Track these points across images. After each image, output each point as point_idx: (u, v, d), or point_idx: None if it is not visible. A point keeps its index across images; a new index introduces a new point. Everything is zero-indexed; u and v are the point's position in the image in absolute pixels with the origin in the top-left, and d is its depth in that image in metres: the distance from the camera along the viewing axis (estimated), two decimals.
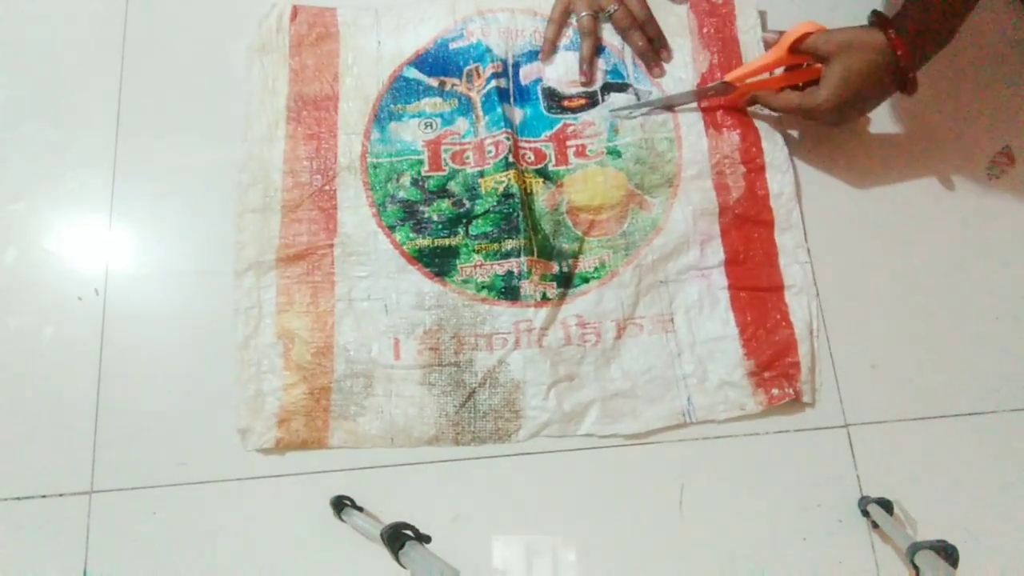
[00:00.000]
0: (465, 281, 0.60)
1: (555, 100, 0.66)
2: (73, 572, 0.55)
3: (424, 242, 0.61)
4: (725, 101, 0.63)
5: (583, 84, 0.65)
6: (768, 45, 0.62)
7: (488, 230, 0.61)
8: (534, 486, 0.57)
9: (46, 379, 0.59)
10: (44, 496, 0.57)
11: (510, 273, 0.60)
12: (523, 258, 0.59)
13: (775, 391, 0.58)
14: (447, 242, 0.61)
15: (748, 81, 0.62)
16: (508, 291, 0.60)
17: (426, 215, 0.62)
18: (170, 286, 0.62)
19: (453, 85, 0.66)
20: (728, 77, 0.62)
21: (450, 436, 0.57)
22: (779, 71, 0.62)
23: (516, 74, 0.66)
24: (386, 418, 0.57)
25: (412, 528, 0.49)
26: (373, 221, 0.62)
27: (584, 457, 0.57)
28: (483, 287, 0.60)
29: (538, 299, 0.59)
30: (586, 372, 0.58)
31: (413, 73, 0.66)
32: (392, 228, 0.62)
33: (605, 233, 0.62)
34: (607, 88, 0.66)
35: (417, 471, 0.57)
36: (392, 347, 0.59)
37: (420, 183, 0.63)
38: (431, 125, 0.65)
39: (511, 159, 0.62)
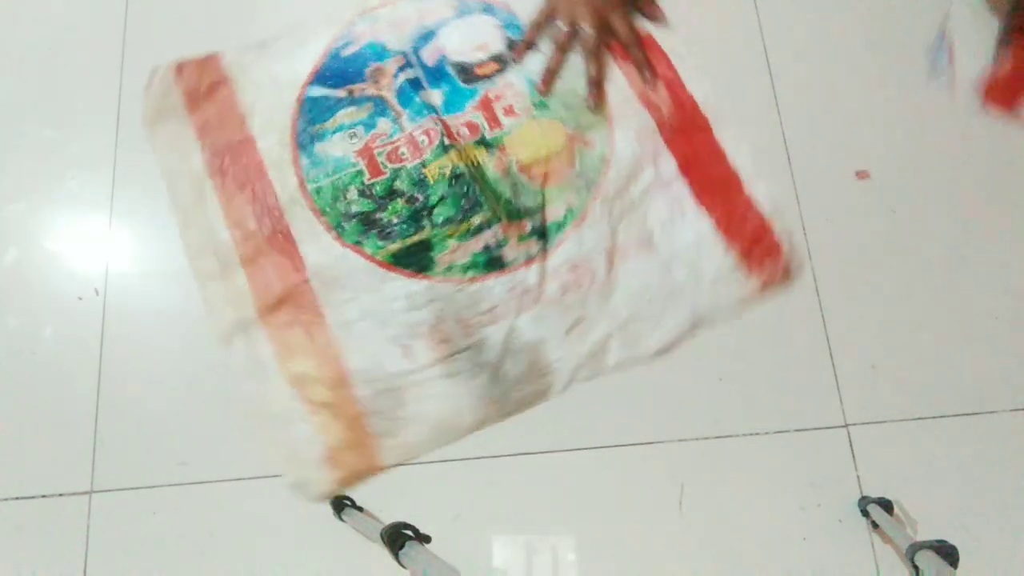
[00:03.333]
0: (448, 268, 0.61)
1: (467, 72, 0.66)
2: (73, 572, 0.55)
3: (395, 246, 0.61)
4: None
5: (541, 93, 0.66)
6: None
7: (452, 214, 0.62)
8: (534, 486, 0.57)
9: (46, 379, 0.59)
10: (44, 496, 0.57)
11: (488, 246, 0.60)
12: (495, 227, 0.60)
13: (766, 271, 0.59)
14: (417, 238, 0.61)
15: None
16: (493, 263, 0.60)
17: (386, 220, 0.62)
18: (170, 286, 0.61)
19: (362, 90, 0.65)
20: None
21: (494, 413, 0.58)
22: None
23: (420, 59, 0.66)
24: (428, 421, 0.57)
25: (412, 528, 0.49)
26: (336, 244, 0.61)
27: (584, 457, 0.57)
28: (468, 267, 0.60)
29: (523, 260, 0.60)
30: (592, 311, 0.59)
31: (317, 91, 0.65)
32: (358, 243, 0.61)
33: (561, 179, 0.62)
34: (511, 46, 0.66)
35: (417, 471, 0.57)
36: (403, 354, 0.59)
37: (367, 192, 0.63)
38: (355, 134, 0.64)
39: (447, 141, 0.62)
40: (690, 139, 0.63)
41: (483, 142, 0.64)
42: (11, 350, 0.60)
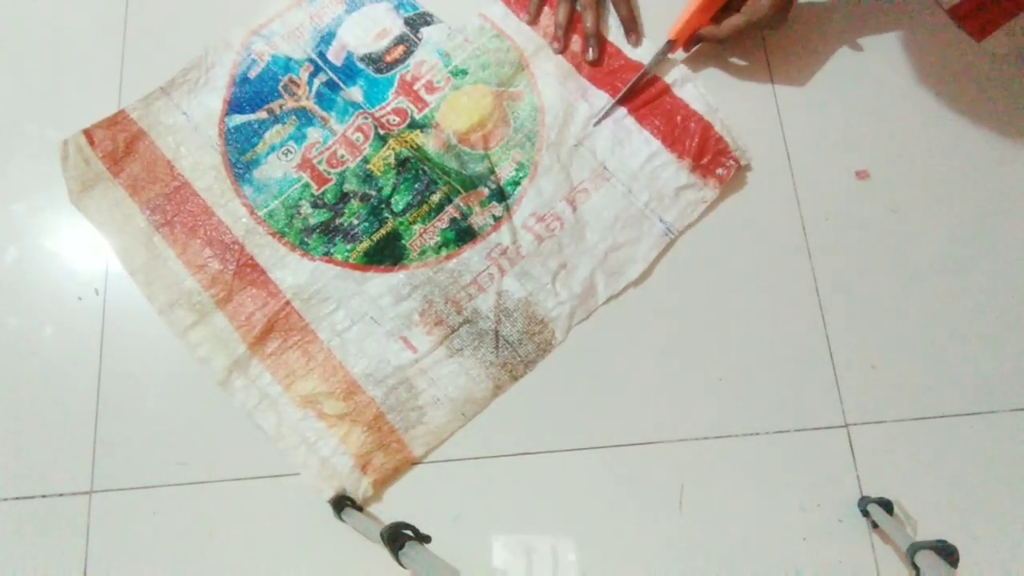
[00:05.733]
0: (422, 252, 0.61)
1: (378, 61, 0.66)
2: (73, 572, 0.55)
3: (364, 245, 0.61)
4: (675, 53, 0.65)
5: (556, 51, 0.66)
6: None
7: (409, 199, 0.62)
8: (534, 486, 0.57)
9: (46, 379, 0.59)
10: (44, 496, 0.57)
11: (454, 220, 0.62)
12: (455, 200, 0.62)
13: (720, 171, 0.62)
14: (383, 232, 0.62)
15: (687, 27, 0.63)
16: (463, 235, 0.61)
17: (347, 224, 0.62)
18: None
19: (281, 106, 0.65)
20: (671, 35, 0.63)
21: (506, 378, 0.59)
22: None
23: (328, 62, 0.66)
24: (447, 402, 0.58)
25: (412, 528, 0.49)
26: (305, 260, 0.61)
27: (584, 457, 0.57)
28: (440, 246, 0.61)
29: (491, 224, 0.61)
30: (571, 253, 0.61)
31: (236, 120, 0.65)
32: (327, 253, 0.61)
33: (502, 139, 0.64)
34: (411, 25, 0.67)
35: (417, 471, 0.57)
36: (404, 346, 0.59)
37: (320, 202, 0.63)
38: (289, 151, 0.64)
39: (381, 132, 0.63)
40: (609, 68, 0.66)
41: (415, 124, 0.65)
42: (11, 350, 0.60)
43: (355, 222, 0.62)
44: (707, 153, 0.62)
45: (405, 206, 0.62)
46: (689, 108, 0.63)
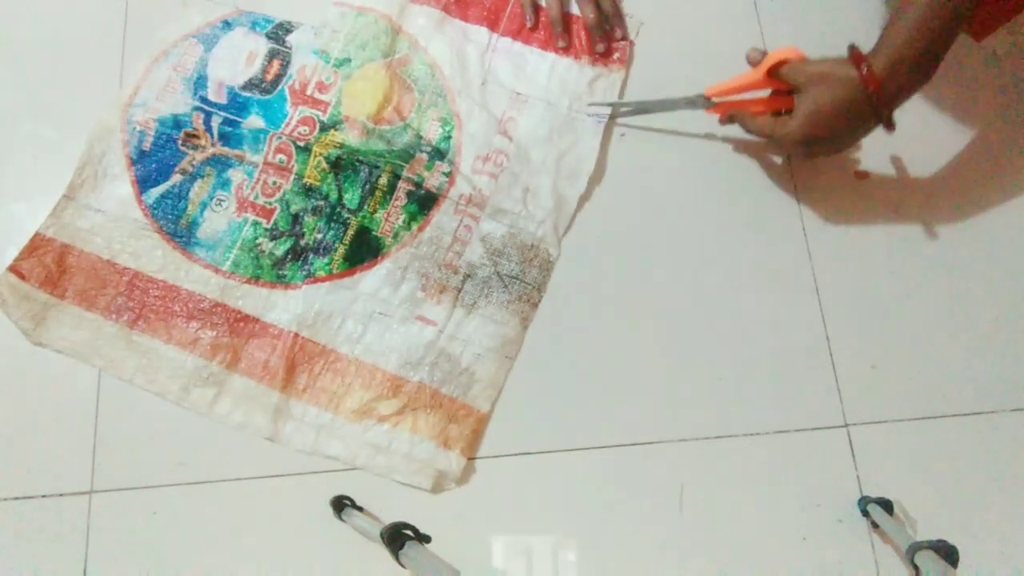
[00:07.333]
0: (395, 235, 0.62)
1: (260, 84, 0.66)
2: (73, 572, 0.55)
3: (340, 253, 0.61)
4: (707, 113, 0.63)
5: (563, 48, 0.67)
6: (752, 64, 0.59)
7: (360, 193, 0.63)
8: (534, 486, 0.57)
9: (46, 379, 0.59)
10: (44, 496, 0.57)
11: (410, 192, 0.63)
12: (403, 175, 0.63)
13: (617, 55, 0.67)
14: (351, 233, 0.62)
15: (729, 98, 0.61)
16: (425, 202, 0.63)
17: (312, 241, 0.62)
18: None
19: (191, 163, 0.64)
20: (708, 91, 0.61)
21: (528, 308, 0.61)
22: (763, 94, 0.60)
23: (214, 105, 0.65)
24: (487, 353, 0.60)
25: (412, 528, 0.49)
26: (290, 291, 0.60)
27: (584, 457, 0.57)
28: (409, 221, 0.62)
29: (446, 181, 0.63)
30: (527, 176, 0.64)
31: (154, 194, 0.63)
32: (309, 275, 0.61)
33: (413, 105, 0.66)
34: (274, 38, 0.67)
35: None
36: (423, 324, 0.60)
37: (276, 233, 0.62)
38: (221, 200, 0.63)
39: (301, 145, 0.64)
40: (469, 4, 0.68)
41: (327, 126, 0.65)
42: (11, 350, 0.60)
43: (319, 236, 0.62)
44: (606, 42, 0.67)
45: (359, 201, 0.62)
46: (569, 17, 0.67)
